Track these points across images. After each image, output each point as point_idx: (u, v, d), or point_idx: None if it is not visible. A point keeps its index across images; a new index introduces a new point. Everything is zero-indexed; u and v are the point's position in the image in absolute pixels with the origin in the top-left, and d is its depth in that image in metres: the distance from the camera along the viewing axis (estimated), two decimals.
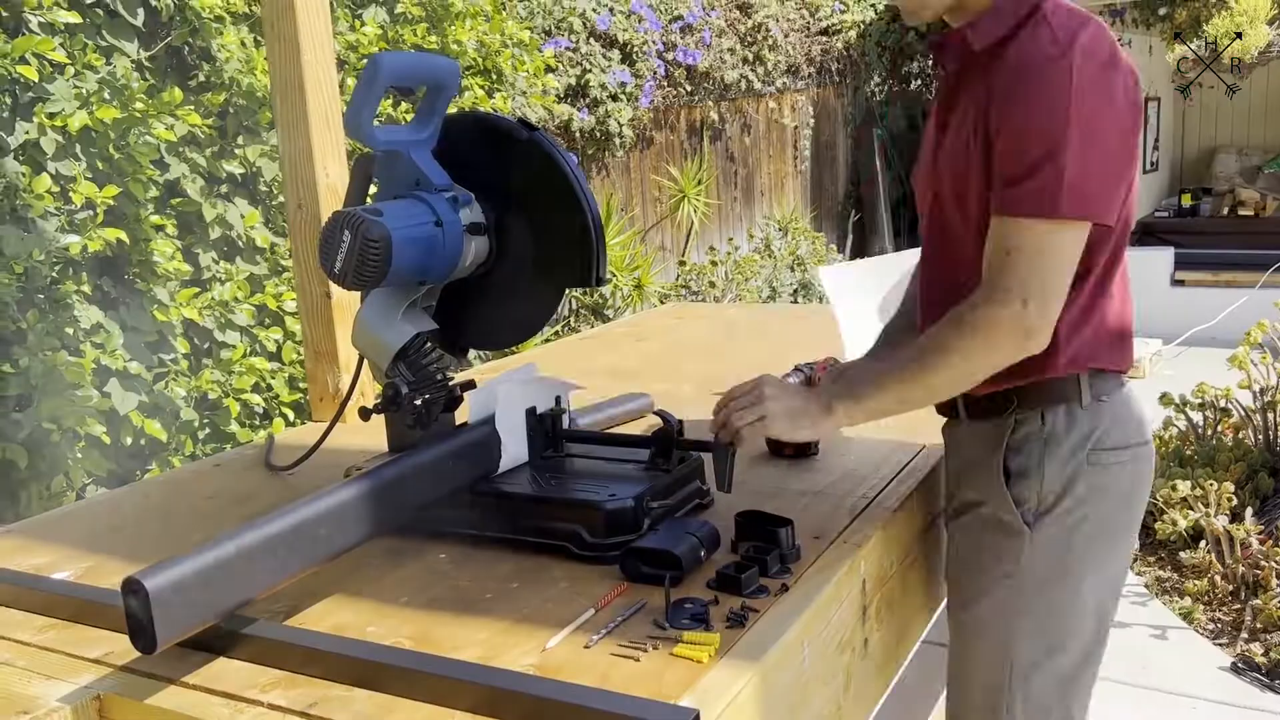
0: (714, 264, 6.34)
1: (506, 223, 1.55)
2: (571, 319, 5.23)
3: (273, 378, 3.12)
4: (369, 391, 2.10)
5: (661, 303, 5.41)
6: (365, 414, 1.53)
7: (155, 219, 2.86)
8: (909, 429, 1.75)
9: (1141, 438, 1.45)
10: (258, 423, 3.13)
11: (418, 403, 1.48)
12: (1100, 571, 1.44)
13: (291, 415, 3.18)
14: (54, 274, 2.64)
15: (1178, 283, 7.35)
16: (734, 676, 1.05)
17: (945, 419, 1.57)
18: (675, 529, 1.32)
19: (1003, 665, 1.44)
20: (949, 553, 1.56)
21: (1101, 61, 1.27)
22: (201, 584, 1.07)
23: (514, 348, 3.01)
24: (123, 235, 2.69)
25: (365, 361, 1.56)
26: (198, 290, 2.96)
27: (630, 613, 1.18)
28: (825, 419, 1.38)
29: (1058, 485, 1.40)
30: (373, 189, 1.57)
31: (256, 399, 3.04)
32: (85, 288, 2.71)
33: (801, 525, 1.37)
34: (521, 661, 1.10)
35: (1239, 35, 5.67)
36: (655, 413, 1.54)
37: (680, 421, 1.51)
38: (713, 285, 6.11)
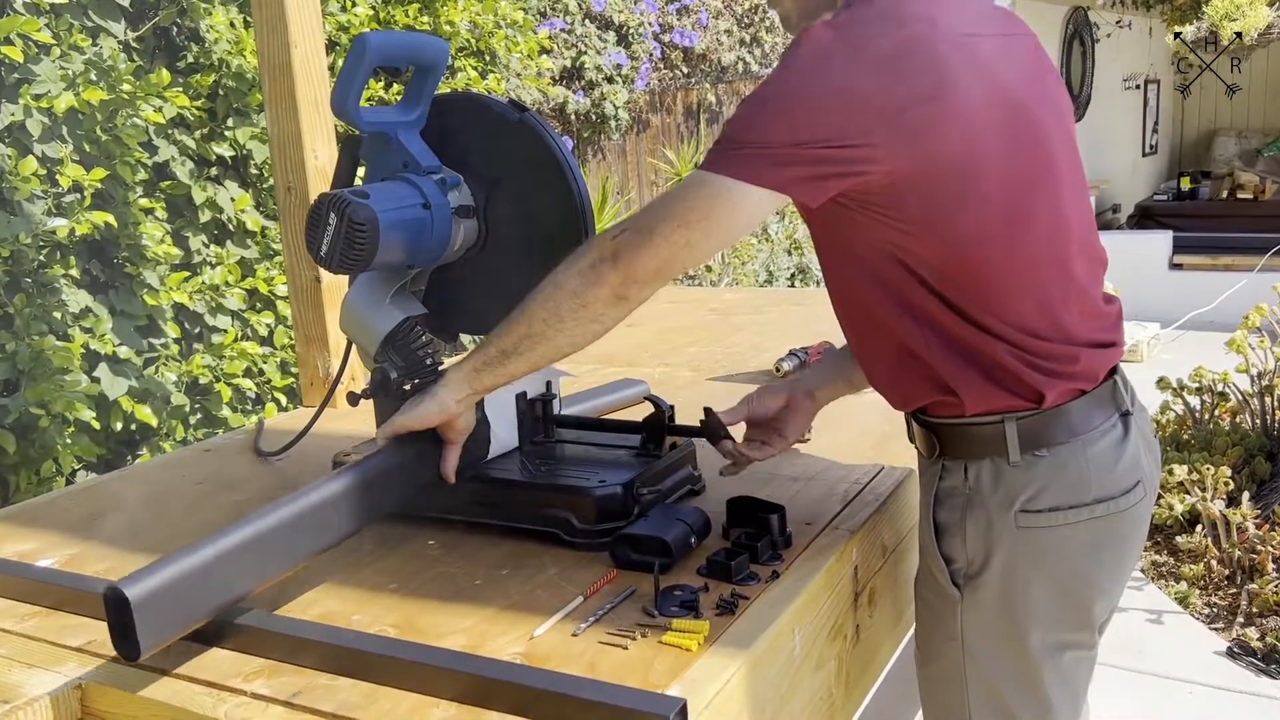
0: None
1: (496, 205, 1.52)
2: None
3: (265, 362, 3.10)
4: (359, 376, 2.09)
5: None
6: (353, 399, 1.51)
7: (144, 202, 2.84)
8: None
9: (1106, 493, 1.24)
10: (250, 407, 3.11)
11: (406, 388, 1.46)
12: (1055, 624, 1.28)
13: (284, 400, 3.17)
14: (41, 257, 2.62)
15: (1176, 266, 7.34)
16: (723, 664, 1.04)
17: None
18: (666, 515, 1.31)
19: None
20: (915, 602, 1.43)
21: (854, 41, 1.11)
22: (184, 590, 1.05)
23: None
24: (111, 219, 2.66)
25: (354, 346, 1.54)
26: (188, 274, 2.94)
27: (619, 600, 1.17)
28: (442, 390, 1.32)
29: (981, 549, 1.26)
30: (361, 171, 1.54)
31: (248, 384, 3.02)
32: (73, 271, 2.68)
33: (793, 511, 1.35)
34: (508, 650, 1.09)
35: (1239, 35, 5.66)
36: (647, 398, 1.52)
37: (672, 407, 1.50)
38: (709, 269, 6.08)
